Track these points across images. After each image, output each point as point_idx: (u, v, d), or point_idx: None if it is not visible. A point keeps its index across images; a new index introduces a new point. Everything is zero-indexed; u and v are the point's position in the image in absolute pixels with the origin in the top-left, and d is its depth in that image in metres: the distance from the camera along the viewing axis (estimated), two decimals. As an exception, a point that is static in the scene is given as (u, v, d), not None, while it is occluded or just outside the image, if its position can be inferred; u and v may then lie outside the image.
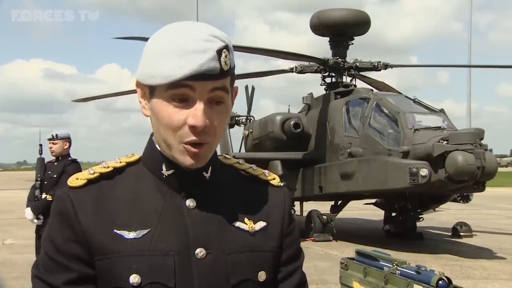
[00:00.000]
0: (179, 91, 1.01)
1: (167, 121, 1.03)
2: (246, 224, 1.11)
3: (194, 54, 0.98)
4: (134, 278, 1.00)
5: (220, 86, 1.03)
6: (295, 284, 1.17)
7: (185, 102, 1.02)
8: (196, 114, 1.01)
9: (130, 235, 1.03)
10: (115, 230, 1.03)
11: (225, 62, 1.01)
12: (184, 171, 1.08)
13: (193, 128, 1.01)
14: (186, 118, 1.01)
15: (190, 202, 1.08)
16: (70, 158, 5.90)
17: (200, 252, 1.05)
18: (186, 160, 1.05)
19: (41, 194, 5.74)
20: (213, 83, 1.01)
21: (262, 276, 1.10)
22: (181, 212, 1.08)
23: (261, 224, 1.13)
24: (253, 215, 1.13)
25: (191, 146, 1.03)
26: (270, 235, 1.14)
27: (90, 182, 1.08)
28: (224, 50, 1.01)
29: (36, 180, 5.84)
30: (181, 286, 1.03)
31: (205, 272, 1.04)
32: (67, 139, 5.92)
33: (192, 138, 1.02)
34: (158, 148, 1.10)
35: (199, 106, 1.01)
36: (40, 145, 6.03)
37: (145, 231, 1.04)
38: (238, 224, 1.11)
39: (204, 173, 1.11)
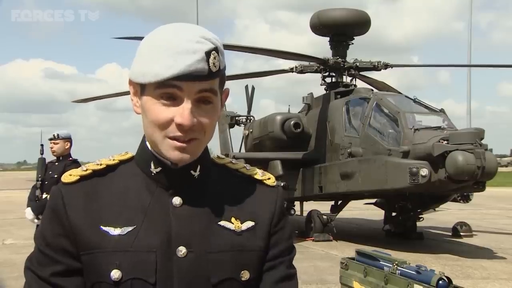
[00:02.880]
0: (167, 90, 1.03)
1: (154, 118, 1.05)
2: (233, 223, 1.12)
3: (183, 55, 1.01)
4: (115, 274, 1.03)
5: (208, 88, 1.05)
6: (279, 276, 1.16)
7: (173, 100, 1.04)
8: (183, 113, 1.03)
9: (115, 231, 1.06)
10: (101, 226, 1.07)
11: (214, 63, 1.03)
12: (171, 169, 1.11)
13: (180, 126, 1.04)
14: (173, 116, 1.04)
15: (176, 200, 1.10)
16: (71, 158, 5.91)
17: (181, 250, 1.07)
18: (173, 155, 1.07)
19: (42, 194, 5.74)
20: (200, 84, 1.03)
21: (245, 275, 1.11)
22: (166, 210, 1.10)
23: (248, 224, 1.14)
24: (242, 215, 1.14)
25: (178, 141, 1.05)
26: (258, 235, 1.15)
27: (82, 178, 1.11)
28: (213, 51, 1.03)
29: (37, 180, 5.83)
30: (161, 283, 1.05)
31: (185, 271, 1.06)
32: (68, 139, 5.92)
33: (178, 134, 1.04)
34: (148, 147, 1.13)
35: (187, 106, 1.03)
36: (42, 145, 6.03)
37: (130, 228, 1.07)
38: (223, 223, 1.12)
39: (192, 171, 1.12)
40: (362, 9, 13.16)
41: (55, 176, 5.69)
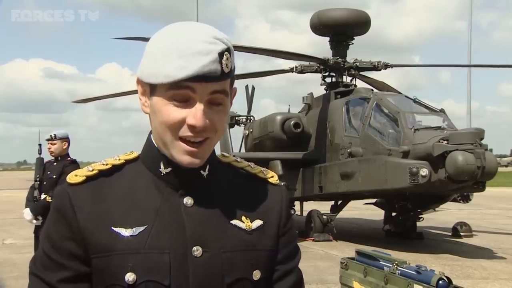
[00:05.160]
0: (180, 91, 1.02)
1: (166, 119, 1.04)
2: (243, 222, 1.12)
3: (197, 56, 0.99)
4: (130, 276, 1.01)
5: (220, 90, 1.04)
6: (292, 283, 1.18)
7: (185, 102, 1.03)
8: (196, 114, 1.02)
9: (126, 232, 1.04)
10: (112, 228, 1.04)
11: (226, 64, 1.02)
12: (181, 169, 1.09)
13: (192, 128, 1.03)
14: (185, 117, 1.03)
15: (187, 200, 1.09)
16: (69, 159, 5.88)
17: (196, 250, 1.05)
18: (184, 159, 1.06)
19: (40, 194, 5.71)
20: (213, 85, 1.02)
21: (256, 274, 1.11)
22: (178, 210, 1.08)
23: (258, 223, 1.14)
24: (251, 214, 1.14)
25: (189, 144, 1.04)
26: (267, 234, 1.15)
27: (89, 179, 1.09)
28: (226, 52, 1.02)
29: (35, 181, 5.81)
30: (176, 284, 1.03)
31: (201, 270, 1.05)
32: (66, 139, 5.89)
33: (190, 133, 1.03)
34: (156, 146, 1.11)
35: (199, 107, 1.02)
36: (39, 144, 6.01)
37: (141, 228, 1.05)
38: (235, 222, 1.11)
39: (201, 171, 1.12)
40: (363, 9, 13.20)
41: (54, 176, 5.67)
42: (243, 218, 1.12)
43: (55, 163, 5.85)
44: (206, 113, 1.02)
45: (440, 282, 3.64)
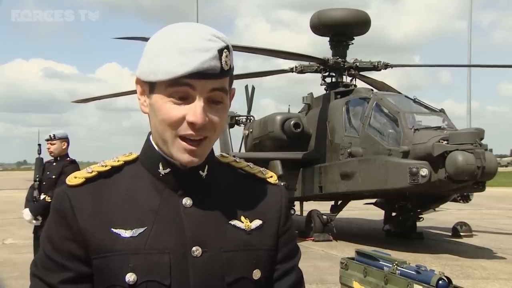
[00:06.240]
0: (179, 88, 1.02)
1: (165, 117, 1.03)
2: (243, 222, 1.12)
3: (196, 52, 1.00)
4: (130, 276, 1.02)
5: (219, 87, 1.04)
6: (292, 282, 1.18)
7: (185, 99, 1.03)
8: (195, 111, 1.02)
9: (126, 233, 1.04)
10: (112, 229, 1.04)
11: (226, 62, 1.03)
12: (180, 170, 1.10)
13: (192, 125, 1.02)
14: (185, 114, 1.02)
15: (186, 201, 1.09)
16: (68, 159, 5.86)
17: (196, 250, 1.06)
18: (183, 157, 1.06)
19: (40, 194, 5.70)
20: (213, 82, 1.02)
21: (257, 274, 1.11)
22: (177, 211, 1.09)
23: (257, 223, 1.14)
24: (250, 214, 1.14)
25: (188, 143, 1.04)
26: (266, 234, 1.15)
27: (88, 180, 1.09)
28: (225, 50, 1.03)
29: (35, 181, 5.80)
30: (176, 284, 1.04)
31: (201, 270, 1.05)
32: (65, 139, 5.88)
33: (190, 132, 1.03)
34: (155, 147, 1.11)
35: (199, 104, 1.02)
36: (39, 144, 6.01)
37: (141, 230, 1.05)
38: (234, 222, 1.12)
39: (200, 171, 1.12)
40: (364, 9, 13.21)
41: (53, 176, 5.66)
42: (242, 218, 1.13)
43: (54, 163, 5.84)
44: (205, 110, 1.02)
45: (440, 282, 3.64)
